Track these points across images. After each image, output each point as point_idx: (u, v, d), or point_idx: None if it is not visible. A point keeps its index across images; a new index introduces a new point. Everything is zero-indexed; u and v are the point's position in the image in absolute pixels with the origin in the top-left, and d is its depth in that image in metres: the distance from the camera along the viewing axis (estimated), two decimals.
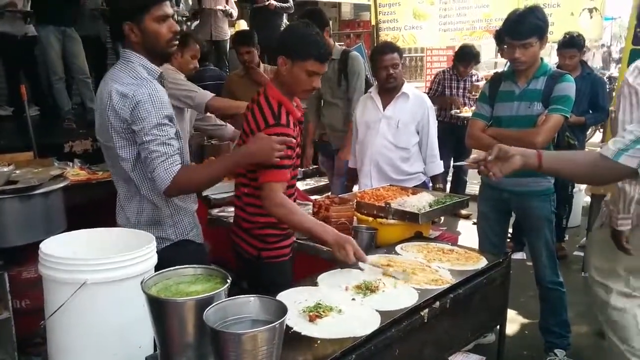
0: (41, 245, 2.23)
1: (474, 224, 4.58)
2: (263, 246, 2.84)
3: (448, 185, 7.39)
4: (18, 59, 7.16)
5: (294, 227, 2.74)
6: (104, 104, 2.54)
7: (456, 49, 7.29)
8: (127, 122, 2.49)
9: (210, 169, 2.71)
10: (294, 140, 2.68)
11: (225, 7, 8.79)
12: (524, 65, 3.49)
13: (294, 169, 2.84)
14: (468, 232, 5.89)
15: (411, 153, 4.18)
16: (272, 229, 2.82)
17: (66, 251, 2.25)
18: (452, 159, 7.14)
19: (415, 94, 4.27)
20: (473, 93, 7.01)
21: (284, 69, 2.70)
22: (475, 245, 3.79)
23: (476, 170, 2.49)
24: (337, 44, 5.08)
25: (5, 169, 3.82)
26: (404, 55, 4.31)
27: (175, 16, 9.26)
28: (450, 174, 7.27)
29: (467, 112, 6.82)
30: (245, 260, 2.89)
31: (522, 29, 3.41)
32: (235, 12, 9.12)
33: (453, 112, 6.91)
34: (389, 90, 4.17)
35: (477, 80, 7.22)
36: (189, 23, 9.65)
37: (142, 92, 2.47)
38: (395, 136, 4.15)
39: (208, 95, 4.12)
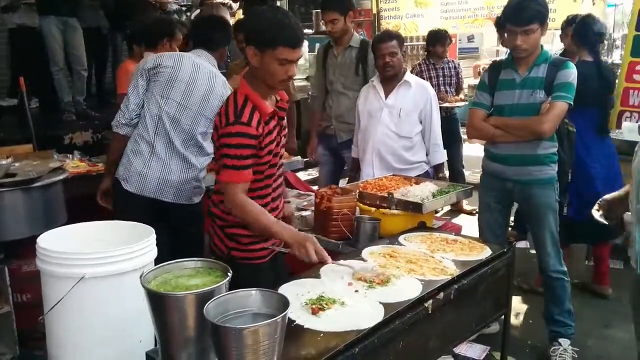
0: (38, 240, 2.21)
1: (476, 212, 4.54)
2: (234, 245, 2.70)
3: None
4: (33, 51, 7.13)
5: (253, 227, 2.58)
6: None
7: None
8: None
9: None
10: (254, 140, 2.50)
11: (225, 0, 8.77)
12: (525, 52, 3.44)
13: (270, 167, 2.69)
14: (469, 224, 5.84)
15: (414, 142, 4.15)
16: (244, 229, 2.65)
17: (65, 245, 2.23)
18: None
19: (417, 82, 4.23)
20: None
21: (254, 60, 2.48)
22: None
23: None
24: (355, 32, 4.90)
25: (4, 162, 3.79)
26: (405, 43, 4.24)
27: (176, 6, 9.25)
28: (446, 168, 7.18)
29: (452, 101, 6.70)
30: (219, 259, 2.69)
31: (523, 14, 3.36)
32: (234, 4, 9.08)
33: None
34: (390, 79, 4.13)
35: (455, 67, 7.03)
36: (188, 13, 9.60)
37: None
38: (397, 125, 4.12)
39: None
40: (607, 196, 2.62)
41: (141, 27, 4.96)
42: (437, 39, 6.76)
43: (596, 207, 2.64)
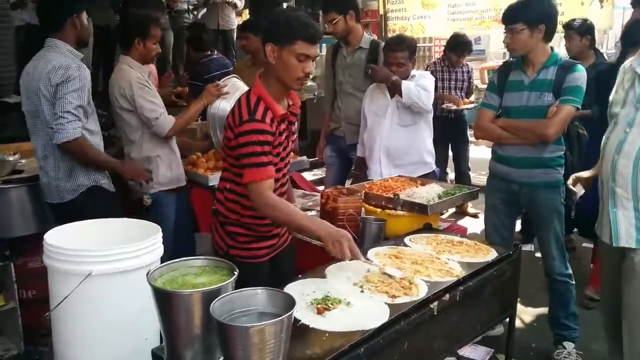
0: (45, 236, 2.22)
1: (480, 215, 4.53)
2: (232, 244, 2.72)
3: (449, 178, 7.31)
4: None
5: (285, 225, 2.61)
6: (36, 77, 3.30)
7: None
8: (55, 87, 3.23)
9: None
10: (270, 136, 2.52)
11: None
12: (514, 52, 3.50)
13: (278, 170, 2.69)
14: (472, 227, 5.83)
15: (417, 129, 4.17)
16: (243, 228, 2.68)
17: (72, 242, 2.23)
18: (451, 154, 7.00)
19: (420, 73, 4.26)
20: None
21: (272, 57, 2.51)
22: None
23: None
24: (365, 32, 4.86)
25: (11, 159, 3.81)
26: None
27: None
28: (453, 170, 7.17)
29: (462, 104, 6.69)
30: (219, 256, 2.68)
31: (508, 13, 3.46)
32: (239, 3, 9.07)
33: (445, 105, 6.64)
34: None
35: (469, 71, 7.05)
36: (195, 12, 9.60)
37: (73, 66, 3.28)
38: (400, 116, 4.13)
39: (170, 122, 3.86)
40: (581, 173, 3.09)
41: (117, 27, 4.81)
42: (456, 46, 6.75)
43: (570, 180, 3.10)
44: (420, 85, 4.03)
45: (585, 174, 3.08)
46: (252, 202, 2.54)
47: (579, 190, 3.11)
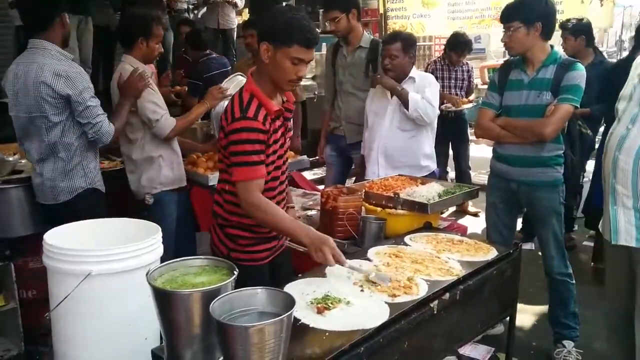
0: (45, 236, 2.21)
1: (480, 214, 4.52)
2: (234, 247, 2.68)
3: (450, 177, 7.30)
4: None
5: (270, 228, 2.58)
6: (31, 82, 3.21)
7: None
8: (60, 93, 3.21)
9: None
10: (262, 135, 2.48)
11: None
12: (512, 50, 3.51)
13: (275, 169, 2.67)
14: (472, 226, 5.82)
15: (417, 132, 4.15)
16: (244, 230, 2.66)
17: (71, 242, 2.23)
18: (452, 153, 6.99)
19: (420, 75, 4.25)
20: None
21: (266, 56, 2.48)
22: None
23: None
24: (365, 32, 4.83)
25: (11, 159, 3.82)
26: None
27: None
28: (453, 169, 7.16)
29: (461, 104, 6.67)
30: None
31: (505, 12, 3.48)
32: (240, 2, 9.07)
33: (444, 106, 6.54)
34: (394, 78, 4.11)
35: (469, 70, 7.05)
36: (195, 11, 9.60)
37: (73, 72, 3.26)
38: (401, 120, 4.11)
39: (171, 124, 3.83)
40: None
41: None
42: (456, 45, 6.74)
43: None
44: (427, 99, 4.03)
45: None
46: (240, 201, 2.52)
47: None
